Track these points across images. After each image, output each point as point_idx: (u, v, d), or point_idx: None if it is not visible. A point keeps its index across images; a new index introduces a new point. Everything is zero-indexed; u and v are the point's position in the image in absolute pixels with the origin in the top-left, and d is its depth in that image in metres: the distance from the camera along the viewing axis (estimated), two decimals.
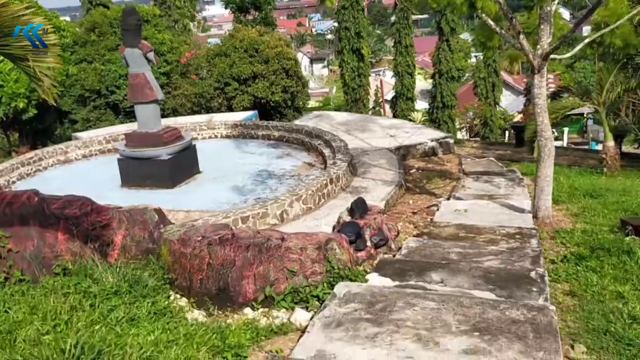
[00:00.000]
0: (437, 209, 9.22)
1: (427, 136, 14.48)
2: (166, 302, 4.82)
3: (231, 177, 12.20)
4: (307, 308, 4.96)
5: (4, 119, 19.79)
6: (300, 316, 4.75)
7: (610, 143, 12.96)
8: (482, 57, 32.49)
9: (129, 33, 11.47)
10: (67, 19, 37.14)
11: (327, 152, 12.86)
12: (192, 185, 11.98)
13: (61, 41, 20.77)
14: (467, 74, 54.50)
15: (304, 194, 9.75)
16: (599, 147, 26.76)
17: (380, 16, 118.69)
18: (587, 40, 7.98)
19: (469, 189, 10.93)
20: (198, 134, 15.96)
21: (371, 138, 14.63)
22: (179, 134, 12.36)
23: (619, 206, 8.95)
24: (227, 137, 15.82)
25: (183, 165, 12.20)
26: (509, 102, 42.28)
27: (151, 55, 11.54)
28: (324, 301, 4.79)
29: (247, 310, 5.10)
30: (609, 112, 13.52)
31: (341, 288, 4.70)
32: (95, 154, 14.91)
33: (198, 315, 4.90)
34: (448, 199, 10.12)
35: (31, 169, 13.54)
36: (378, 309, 4.22)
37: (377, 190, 10.53)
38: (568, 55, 7.94)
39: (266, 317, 4.88)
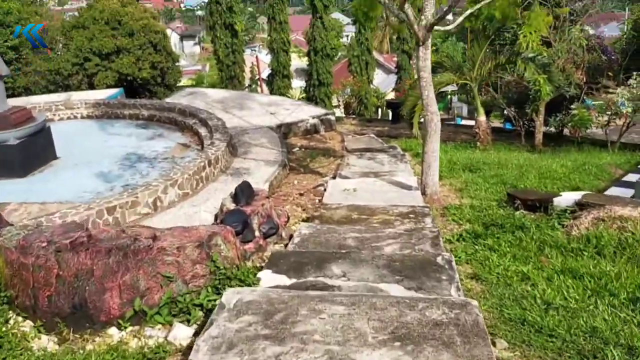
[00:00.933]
0: (325, 189, 8.75)
1: (307, 113, 14.00)
2: (4, 329, 3.77)
3: (95, 162, 10.84)
4: (188, 321, 4.13)
5: None
6: (181, 333, 3.94)
7: (482, 118, 13.33)
8: (358, 33, 32.68)
9: None
10: None
11: (203, 131, 11.90)
12: (48, 173, 10.46)
13: None
14: (339, 53, 55.22)
15: (180, 178, 8.81)
16: (463, 122, 28.20)
17: None
18: (468, 12, 7.82)
19: (353, 166, 10.61)
20: (54, 115, 14.15)
21: (250, 116, 13.85)
22: (29, 114, 10.73)
23: (498, 179, 9.07)
24: (89, 117, 14.18)
25: (36, 151, 10.61)
26: (381, 81, 43.38)
27: None
28: (209, 310, 4.03)
29: (112, 330, 4.16)
30: (480, 88, 13.90)
31: (231, 296, 3.88)
32: None
33: (47, 342, 3.88)
34: (334, 178, 9.71)
35: None
36: (278, 320, 3.50)
37: (260, 171, 9.85)
38: (452, 26, 7.74)
39: (137, 338, 3.98)
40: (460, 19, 7.65)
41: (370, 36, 32.77)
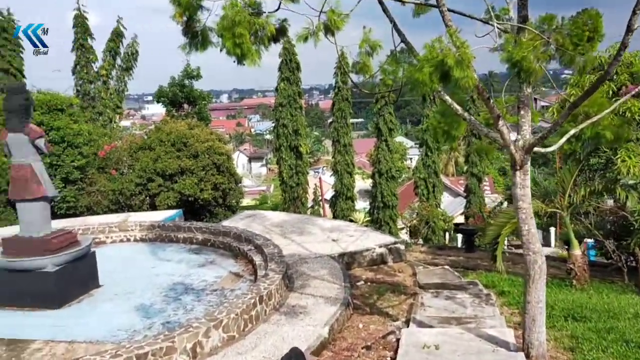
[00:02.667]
0: (397, 340, 7.17)
1: (374, 241, 12.69)
2: None
3: (138, 293, 9.82)
4: None
5: None
6: None
7: (578, 252, 11.54)
8: (424, 155, 32.00)
9: (13, 115, 9.35)
10: None
11: (258, 260, 10.78)
12: (85, 305, 9.46)
13: None
14: (403, 175, 54.88)
15: (225, 319, 7.53)
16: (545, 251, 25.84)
17: (317, 119, 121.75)
18: (571, 132, 6.56)
19: (429, 308, 9.01)
20: (107, 237, 13.53)
21: (311, 242, 12.68)
22: (73, 238, 9.97)
23: (617, 335, 7.21)
24: (142, 240, 13.45)
25: (76, 279, 9.72)
26: (448, 204, 42.00)
27: (41, 142, 9.39)
28: None
29: None
30: (572, 217, 12.25)
31: None
32: None
33: None
34: (407, 323, 8.13)
35: None
36: None
37: (319, 311, 8.44)
38: (552, 148, 6.46)
39: None
40: (563, 139, 6.39)
41: (437, 159, 31.96)
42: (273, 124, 32.13)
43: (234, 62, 5.07)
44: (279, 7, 5.36)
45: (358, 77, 6.17)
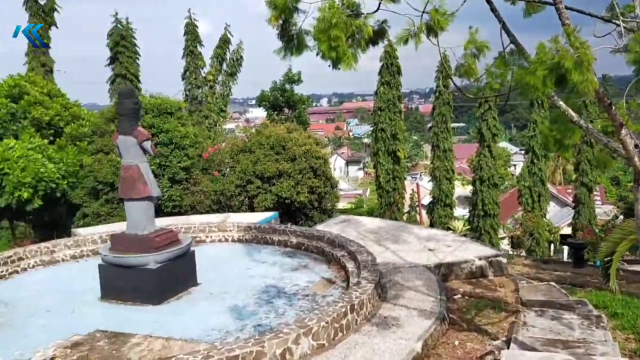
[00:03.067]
0: None
1: (473, 252, 12.09)
2: None
3: (232, 293, 10.00)
4: None
5: (13, 209, 18.37)
6: None
7: None
8: (530, 163, 30.45)
9: (124, 118, 9.86)
10: None
11: (350, 266, 10.61)
12: (183, 302, 9.76)
13: (79, 130, 19.73)
14: (506, 183, 52.50)
15: (315, 326, 7.41)
16: None
17: (416, 123, 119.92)
18: None
19: (532, 328, 8.39)
20: (207, 236, 13.99)
21: (406, 251, 12.33)
22: (174, 237, 10.34)
23: None
24: (239, 241, 13.76)
25: (176, 276, 10.08)
26: (554, 214, 39.61)
27: (147, 144, 9.82)
28: None
29: None
30: None
31: None
32: (87, 255, 12.97)
33: None
34: (507, 343, 7.59)
35: (7, 270, 11.64)
36: None
37: (412, 324, 8.11)
38: None
39: None
40: None
41: (544, 166, 30.29)
42: (371, 128, 31.95)
43: (329, 66, 4.94)
44: (378, 8, 5.13)
45: (462, 81, 5.81)
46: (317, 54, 4.89)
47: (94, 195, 19.57)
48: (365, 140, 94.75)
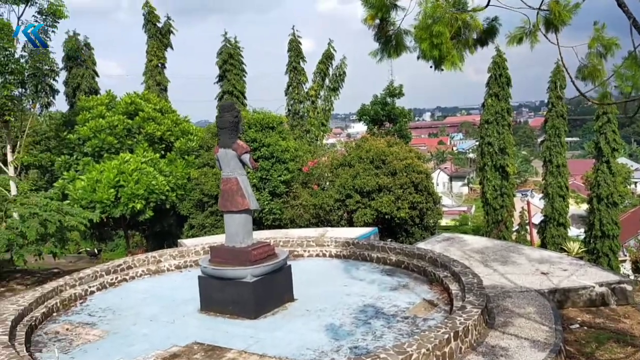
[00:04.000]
0: None
1: (593, 278, 10.90)
2: None
3: (328, 311, 9.68)
4: None
5: (127, 219, 19.43)
6: None
7: None
8: None
9: (224, 131, 9.94)
10: None
11: (454, 288, 9.92)
12: (279, 318, 9.58)
13: (187, 145, 20.52)
14: (626, 201, 48.29)
15: (415, 353, 6.88)
16: None
17: (525, 137, 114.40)
18: None
19: None
20: (304, 251, 13.83)
21: (516, 274, 11.39)
22: (271, 251, 10.24)
23: None
24: (337, 256, 13.46)
25: (272, 290, 9.94)
26: None
27: (246, 157, 9.81)
28: None
29: None
30: None
31: None
32: (190, 265, 13.28)
33: None
34: None
35: (116, 278, 12.14)
36: None
37: (523, 355, 7.36)
38: None
39: None
40: None
41: None
42: (477, 142, 30.69)
43: (431, 67, 4.48)
44: (488, 3, 4.58)
45: (584, 84, 5.10)
46: (418, 58, 4.46)
47: (200, 207, 20.23)
48: (470, 155, 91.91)
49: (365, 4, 4.71)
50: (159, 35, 27.87)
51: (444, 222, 45.63)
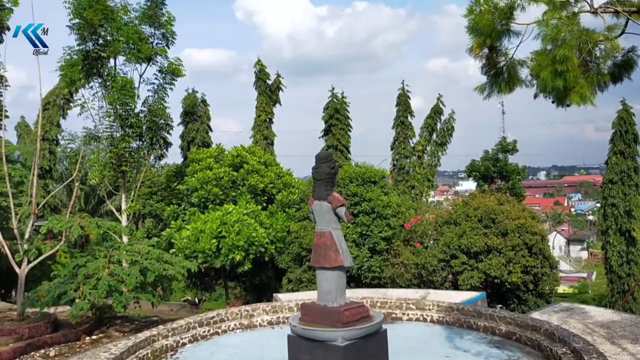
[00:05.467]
0: None
1: None
2: None
3: None
4: None
5: (226, 270, 19.56)
6: None
7: None
8: None
9: (320, 183, 9.55)
10: None
11: None
12: None
13: (288, 198, 20.51)
14: None
15: None
16: None
17: None
18: None
19: None
20: (403, 314, 12.90)
21: None
22: (365, 312, 9.49)
23: None
24: (439, 322, 12.39)
25: (365, 357, 9.13)
26: None
27: (342, 211, 9.31)
28: None
29: None
30: None
31: None
32: (283, 322, 12.80)
33: None
34: None
35: (208, 331, 11.95)
36: None
37: None
38: None
39: None
40: None
41: None
42: (599, 204, 28.19)
43: (553, 102, 3.74)
44: (626, 25, 3.75)
45: None
46: (535, 95, 3.74)
47: (298, 261, 19.90)
48: (590, 217, 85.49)
49: (471, 32, 4.09)
50: (268, 92, 28.84)
51: (561, 289, 41.96)
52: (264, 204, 20.75)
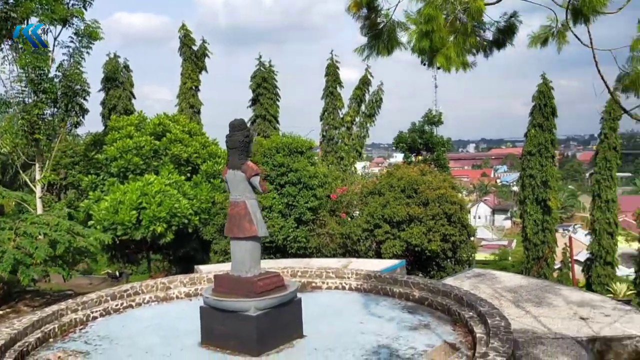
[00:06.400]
0: None
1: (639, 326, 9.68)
2: None
3: (339, 350, 8.82)
4: None
5: (147, 242, 19.08)
6: None
7: None
8: None
9: (234, 151, 9.33)
10: None
11: (479, 331, 8.90)
12: (283, 357, 8.79)
13: (214, 168, 20.13)
14: None
15: None
16: None
17: (573, 172, 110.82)
18: None
19: None
20: (323, 282, 13.00)
21: (550, 317, 10.26)
22: (280, 282, 9.48)
23: None
24: (357, 289, 12.57)
25: (278, 326, 9.14)
26: None
27: (256, 180, 9.16)
28: None
29: None
30: None
31: None
32: (201, 294, 12.51)
33: None
34: None
35: (121, 304, 11.59)
36: None
37: None
38: None
39: None
40: None
41: None
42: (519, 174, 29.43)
43: (423, 63, 3.70)
44: None
45: (626, 97, 4.20)
46: (421, 60, 3.67)
47: (224, 233, 19.68)
48: (515, 189, 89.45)
49: None
50: (193, 58, 27.96)
51: (482, 256, 43.86)
52: (188, 175, 20.27)
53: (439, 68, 3.66)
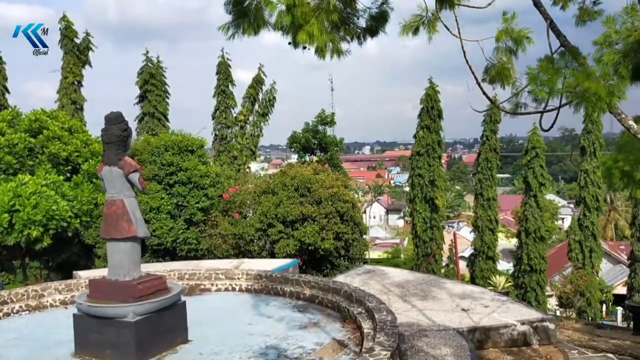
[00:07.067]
0: None
1: (515, 315, 10.23)
2: None
3: (225, 354, 8.49)
4: None
5: (22, 248, 17.50)
6: None
7: None
8: (582, 215, 28.29)
9: (110, 146, 8.68)
10: None
11: (367, 326, 8.94)
12: None
13: (96, 167, 18.88)
14: (553, 236, 49.62)
15: None
16: None
17: (460, 173, 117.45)
18: None
19: None
20: (212, 284, 12.56)
21: (435, 310, 10.58)
22: (162, 285, 8.95)
23: None
24: (247, 290, 12.27)
25: (160, 331, 8.63)
26: (606, 272, 36.81)
27: (135, 177, 8.58)
28: None
29: None
30: None
31: None
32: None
33: None
34: None
35: None
36: None
37: None
38: None
39: None
40: None
41: (596, 220, 27.93)
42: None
43: (289, 43, 3.55)
44: None
45: (493, 88, 4.31)
46: (289, 41, 3.49)
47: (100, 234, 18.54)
48: (407, 189, 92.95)
49: None
50: (76, 52, 26.19)
51: (376, 254, 45.17)
52: (68, 175, 18.85)
53: (304, 48, 3.52)
